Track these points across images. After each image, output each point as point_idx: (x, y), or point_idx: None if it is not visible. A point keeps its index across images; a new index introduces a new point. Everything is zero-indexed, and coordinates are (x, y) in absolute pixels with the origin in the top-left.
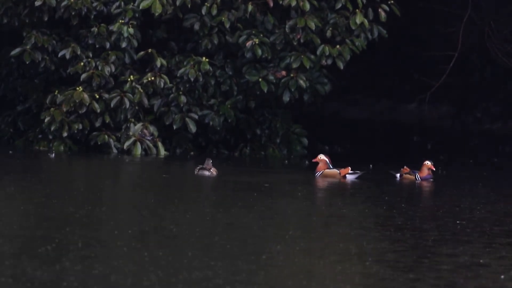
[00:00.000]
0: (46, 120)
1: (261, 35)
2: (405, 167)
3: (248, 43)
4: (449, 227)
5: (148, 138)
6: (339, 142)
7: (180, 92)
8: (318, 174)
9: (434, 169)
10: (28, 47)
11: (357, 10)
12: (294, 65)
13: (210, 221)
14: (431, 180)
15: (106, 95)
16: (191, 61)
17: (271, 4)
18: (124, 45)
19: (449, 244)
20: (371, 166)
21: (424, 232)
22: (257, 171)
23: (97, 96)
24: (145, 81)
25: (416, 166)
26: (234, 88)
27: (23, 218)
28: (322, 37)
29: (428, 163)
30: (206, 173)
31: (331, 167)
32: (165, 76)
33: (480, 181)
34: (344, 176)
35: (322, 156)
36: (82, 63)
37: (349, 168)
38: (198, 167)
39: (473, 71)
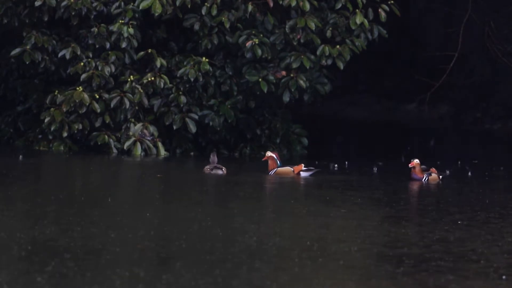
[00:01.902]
0: (46, 120)
1: (261, 35)
2: (432, 168)
3: (248, 43)
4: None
5: (148, 138)
6: (339, 142)
7: (180, 92)
8: (271, 172)
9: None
10: (28, 47)
11: (357, 10)
12: (294, 65)
13: (202, 221)
14: (421, 180)
15: (106, 95)
16: (191, 61)
17: (271, 4)
18: (124, 45)
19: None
20: (336, 165)
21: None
22: (257, 171)
23: (97, 96)
24: (145, 81)
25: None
26: (234, 88)
27: (22, 219)
28: (322, 37)
29: (415, 161)
30: (220, 172)
31: (279, 163)
32: (165, 76)
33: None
34: (298, 173)
35: (269, 153)
36: (82, 63)
37: (302, 165)
38: (211, 166)
39: (473, 71)
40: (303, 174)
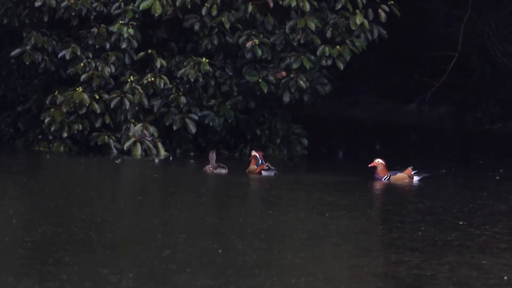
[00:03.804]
0: (46, 120)
1: (261, 36)
2: (409, 168)
3: (248, 44)
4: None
5: (148, 138)
6: (339, 143)
7: (180, 93)
8: (247, 171)
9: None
10: (28, 47)
11: (357, 10)
12: (294, 66)
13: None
14: (381, 179)
15: (106, 96)
16: (191, 61)
17: (271, 5)
18: (124, 45)
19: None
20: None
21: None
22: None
23: (97, 97)
24: (145, 81)
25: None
26: (234, 88)
27: (22, 219)
28: (322, 37)
29: (376, 161)
30: (223, 171)
31: (260, 162)
32: (165, 77)
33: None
34: (260, 172)
35: (253, 153)
36: (82, 64)
37: (265, 165)
38: (214, 165)
39: (473, 71)
40: (264, 173)
